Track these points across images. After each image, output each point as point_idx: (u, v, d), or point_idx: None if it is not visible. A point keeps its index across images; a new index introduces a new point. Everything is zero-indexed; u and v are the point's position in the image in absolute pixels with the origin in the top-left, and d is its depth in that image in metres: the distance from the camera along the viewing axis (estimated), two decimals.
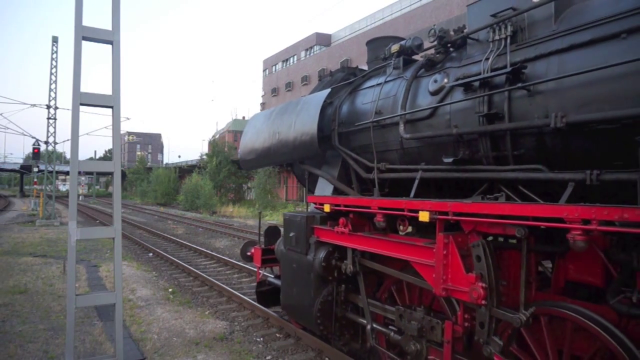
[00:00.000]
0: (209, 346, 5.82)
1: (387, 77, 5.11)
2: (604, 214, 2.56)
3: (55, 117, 23.55)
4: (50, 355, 5.39)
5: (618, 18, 2.98)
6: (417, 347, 4.06)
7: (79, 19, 3.96)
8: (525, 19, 3.66)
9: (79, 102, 3.97)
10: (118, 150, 4.27)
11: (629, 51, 2.82)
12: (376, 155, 4.94)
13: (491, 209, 3.21)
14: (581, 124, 3.02)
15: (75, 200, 4.08)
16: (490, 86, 3.71)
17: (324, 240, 5.03)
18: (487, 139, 3.73)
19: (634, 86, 2.79)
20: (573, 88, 3.15)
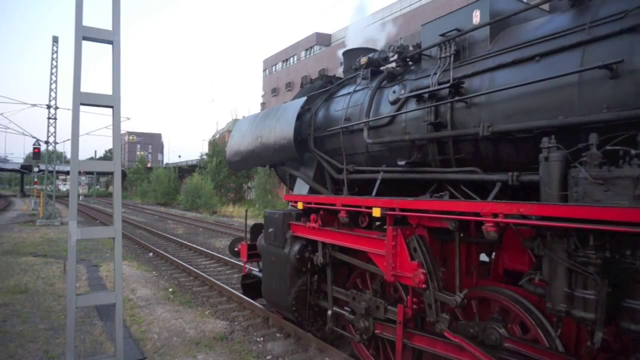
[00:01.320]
0: (209, 346, 5.82)
1: (356, 87, 5.63)
2: (506, 209, 3.08)
3: (56, 117, 23.56)
4: (50, 354, 5.39)
5: (534, 43, 3.54)
6: (365, 323, 4.76)
7: (79, 19, 3.96)
8: (467, 40, 4.17)
9: (79, 102, 3.97)
10: (118, 150, 4.27)
11: (542, 72, 3.37)
12: (345, 158, 5.48)
13: (428, 205, 3.78)
14: (505, 132, 3.56)
15: (76, 200, 4.08)
16: (437, 98, 4.23)
17: (298, 235, 5.51)
18: (434, 144, 4.28)
19: (545, 101, 3.34)
20: (500, 102, 3.69)
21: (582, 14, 3.37)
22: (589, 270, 2.71)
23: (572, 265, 2.82)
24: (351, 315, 4.99)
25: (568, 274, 2.87)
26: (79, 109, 3.99)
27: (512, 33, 3.95)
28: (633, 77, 2.84)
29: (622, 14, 3.00)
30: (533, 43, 3.55)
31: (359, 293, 4.90)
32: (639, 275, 2.56)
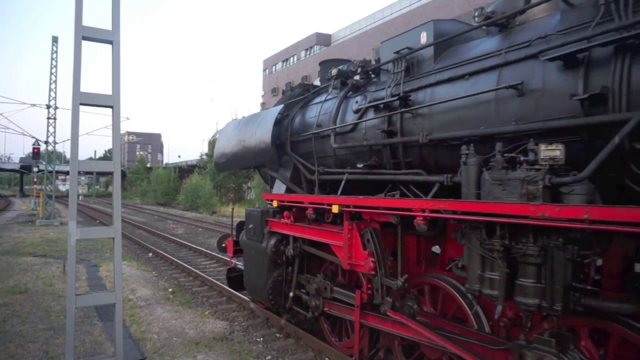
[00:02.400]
0: (209, 346, 5.82)
1: (327, 96, 6.13)
2: (430, 205, 3.71)
3: (55, 117, 23.56)
4: (50, 355, 5.39)
5: (466, 63, 4.07)
6: (316, 302, 5.60)
7: (79, 18, 3.96)
8: (416, 57, 4.72)
9: (79, 101, 3.97)
10: (118, 150, 4.27)
11: (469, 89, 3.89)
12: (317, 161, 5.99)
13: (374, 203, 4.35)
14: (441, 140, 4.08)
15: (75, 200, 4.08)
16: (389, 109, 4.76)
17: (274, 230, 6.04)
18: (387, 149, 4.78)
19: (471, 114, 3.88)
20: (438, 113, 4.23)
21: (505, 39, 3.91)
22: (494, 255, 3.24)
23: (482, 251, 3.33)
24: (306, 296, 5.78)
25: (480, 259, 3.37)
26: (78, 109, 3.99)
27: (452, 53, 4.48)
28: (532, 96, 3.39)
29: (528, 43, 3.57)
30: (465, 63, 4.10)
31: (312, 277, 5.70)
32: (526, 258, 3.08)
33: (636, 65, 2.81)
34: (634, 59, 2.82)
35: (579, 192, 2.83)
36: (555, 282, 2.93)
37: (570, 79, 3.15)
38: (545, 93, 3.32)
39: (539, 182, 2.96)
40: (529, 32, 3.67)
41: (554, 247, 2.93)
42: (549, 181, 2.93)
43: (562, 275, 2.90)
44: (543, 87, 3.34)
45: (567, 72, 3.19)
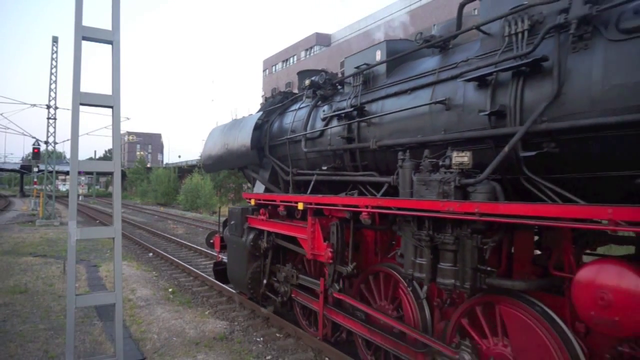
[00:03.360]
0: (209, 346, 5.82)
1: (301, 104, 6.65)
2: (371, 202, 4.29)
3: (55, 117, 23.55)
4: (50, 354, 5.39)
5: (410, 79, 4.64)
6: (285, 288, 6.34)
7: (79, 19, 3.96)
8: (372, 72, 5.29)
9: (79, 102, 3.97)
10: (118, 150, 4.27)
11: (410, 102, 4.45)
12: (291, 163, 6.53)
13: (330, 200, 5.01)
14: (388, 146, 4.65)
15: (75, 200, 4.08)
16: (349, 118, 5.29)
17: (252, 226, 6.71)
18: (347, 153, 5.37)
19: (411, 124, 4.44)
20: (386, 123, 4.80)
21: (441, 59, 4.46)
22: (422, 244, 3.75)
23: (413, 241, 3.87)
24: (277, 284, 6.46)
25: (412, 248, 3.89)
26: (78, 109, 3.99)
27: (402, 69, 5.02)
28: (456, 110, 3.95)
29: (455, 65, 4.14)
30: (408, 79, 4.67)
31: (282, 266, 6.40)
32: (445, 246, 3.62)
33: (527, 88, 3.40)
34: (526, 82, 3.41)
35: (481, 190, 3.37)
36: (465, 265, 3.50)
37: (482, 97, 3.72)
38: (465, 108, 3.90)
39: (451, 183, 3.53)
40: (458, 55, 4.25)
41: (464, 237, 3.48)
42: (459, 182, 3.49)
43: (470, 260, 3.46)
44: (464, 103, 3.92)
45: (480, 91, 3.76)
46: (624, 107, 2.81)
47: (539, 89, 3.32)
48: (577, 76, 3.10)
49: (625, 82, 2.82)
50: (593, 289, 2.72)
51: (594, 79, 2.99)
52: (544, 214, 2.88)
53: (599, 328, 2.82)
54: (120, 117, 4.25)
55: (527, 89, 3.40)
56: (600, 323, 2.71)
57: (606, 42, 2.99)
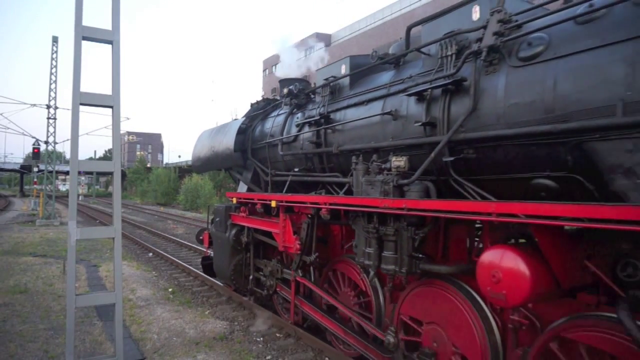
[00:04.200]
0: (209, 346, 5.82)
1: (280, 111, 7.29)
2: (328, 200, 4.94)
3: (55, 117, 23.55)
4: (50, 354, 5.39)
5: (367, 92, 5.23)
6: (271, 282, 6.73)
7: (79, 18, 3.96)
8: (338, 84, 5.91)
9: (79, 102, 3.97)
10: (118, 150, 4.27)
11: (366, 112, 5.07)
12: (270, 165, 7.17)
13: (299, 199, 5.57)
14: (348, 150, 5.28)
15: (75, 200, 4.08)
16: (317, 124, 5.89)
17: (235, 222, 7.25)
18: (316, 157, 5.97)
19: (366, 132, 5.07)
20: (347, 130, 5.42)
21: (394, 75, 5.04)
22: (370, 236, 4.29)
23: (363, 233, 4.38)
24: (263, 278, 6.89)
25: (363, 239, 4.39)
26: (78, 109, 3.98)
27: (363, 82, 5.59)
28: (401, 120, 4.55)
29: (402, 80, 4.70)
30: (366, 92, 5.25)
31: (268, 261, 6.85)
32: (387, 237, 4.09)
33: (452, 103, 3.97)
34: (452, 98, 3.98)
35: (414, 190, 3.94)
36: (403, 253, 4.02)
37: (420, 109, 4.29)
38: (408, 119, 4.48)
39: (390, 183, 4.07)
40: (407, 71, 4.83)
41: (402, 228, 4.01)
42: (396, 182, 4.04)
43: (406, 248, 3.99)
44: (407, 114, 4.51)
45: (418, 104, 4.33)
46: (519, 122, 3.39)
47: (461, 104, 3.90)
48: (487, 95, 3.67)
49: (519, 101, 3.42)
50: (488, 269, 3.18)
51: (498, 98, 3.57)
52: (441, 207, 3.50)
53: (494, 301, 3.29)
54: (120, 117, 4.24)
55: (452, 104, 3.99)
56: (494, 296, 3.18)
57: (508, 67, 3.56)
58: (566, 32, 3.26)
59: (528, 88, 3.36)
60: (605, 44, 2.95)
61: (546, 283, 3.06)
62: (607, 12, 3.05)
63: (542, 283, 3.03)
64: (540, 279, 3.00)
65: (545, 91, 3.24)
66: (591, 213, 2.51)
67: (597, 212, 2.48)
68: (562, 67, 3.18)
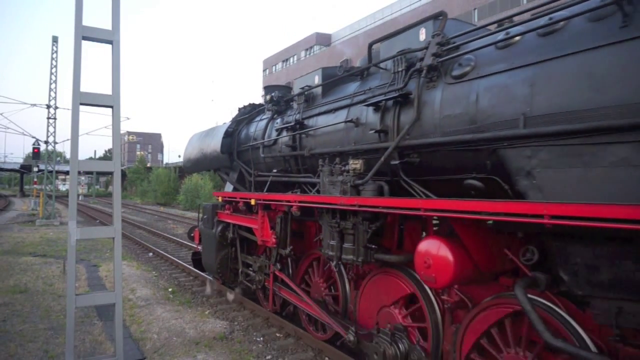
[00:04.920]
0: (209, 346, 5.82)
1: (263, 116, 7.85)
2: (297, 198, 5.42)
3: (55, 117, 23.56)
4: (50, 354, 5.39)
5: (335, 101, 5.78)
6: (259, 277, 7.06)
7: (79, 18, 3.96)
8: (312, 93, 6.45)
9: (79, 101, 3.97)
10: (118, 150, 4.27)
11: (333, 120, 5.62)
12: (253, 166, 7.71)
13: (274, 197, 6.03)
14: (318, 154, 5.78)
15: (75, 200, 4.08)
16: (293, 130, 6.39)
17: (221, 219, 7.76)
18: (292, 159, 6.49)
19: (333, 137, 5.60)
20: (318, 135, 5.95)
21: (359, 86, 5.54)
22: (333, 230, 4.80)
23: (328, 228, 4.91)
24: (252, 273, 7.28)
25: (328, 232, 4.91)
26: (78, 109, 3.98)
27: (333, 91, 6.12)
28: (362, 128, 5.08)
29: (363, 92, 5.26)
30: (335, 101, 5.79)
31: (257, 257, 7.23)
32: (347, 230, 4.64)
33: (401, 113, 4.51)
34: (401, 109, 4.52)
35: (368, 189, 4.44)
36: (359, 244, 4.51)
37: (376, 118, 4.84)
38: (366, 126, 4.99)
39: (348, 183, 4.60)
40: (369, 83, 5.33)
41: (358, 223, 4.50)
42: (353, 182, 4.58)
43: (362, 240, 4.48)
44: (366, 122, 5.03)
45: (375, 114, 4.87)
46: (450, 131, 3.95)
47: (407, 114, 4.43)
48: (427, 107, 4.22)
49: (451, 113, 3.97)
50: (422, 256, 3.73)
51: (435, 110, 4.12)
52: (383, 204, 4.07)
53: (427, 283, 3.87)
54: (120, 117, 4.24)
55: (401, 114, 4.53)
56: (426, 279, 3.75)
57: (444, 84, 4.10)
58: (488, 55, 3.83)
59: (457, 102, 3.93)
60: (512, 68, 3.52)
61: (467, 268, 3.60)
62: (519, 40, 3.63)
63: (464, 268, 3.57)
64: (462, 265, 3.55)
65: (470, 105, 3.81)
66: (487, 208, 3.08)
67: (491, 207, 3.07)
68: (483, 85, 3.74)
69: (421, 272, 3.77)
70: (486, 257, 3.66)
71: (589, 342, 3.03)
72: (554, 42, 3.30)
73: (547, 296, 3.34)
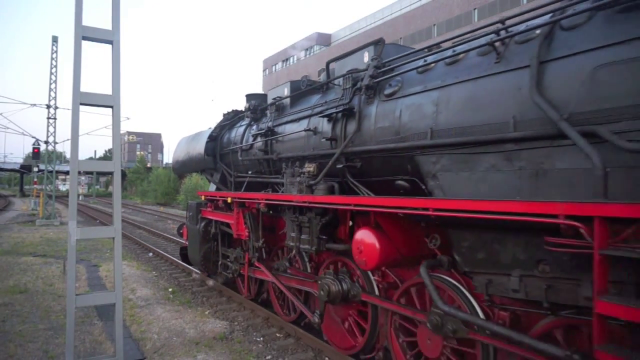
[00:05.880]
0: (209, 346, 5.82)
1: (242, 122, 8.52)
2: (261, 196, 6.20)
3: (55, 117, 23.54)
4: (50, 354, 5.39)
5: (299, 111, 6.44)
6: (235, 266, 7.81)
7: (79, 18, 3.96)
8: (282, 103, 7.18)
9: (79, 101, 3.97)
10: (118, 150, 4.27)
11: (297, 128, 6.30)
12: (233, 168, 8.44)
13: (245, 196, 6.89)
14: (285, 158, 6.47)
15: (75, 200, 4.08)
16: (265, 136, 7.05)
17: (204, 216, 8.51)
18: (265, 162, 7.17)
19: (297, 144, 6.29)
20: (286, 141, 6.63)
21: (320, 98, 6.18)
22: (293, 224, 5.58)
23: (289, 222, 5.67)
24: (230, 264, 7.98)
25: (290, 226, 5.68)
26: (78, 109, 3.99)
27: (299, 102, 6.80)
28: (319, 136, 5.73)
29: (321, 104, 5.91)
30: (299, 111, 6.44)
31: (233, 249, 7.95)
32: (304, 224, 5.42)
33: (347, 124, 5.22)
34: (347, 120, 5.23)
35: (320, 188, 5.15)
36: (313, 235, 5.27)
37: (328, 128, 5.52)
38: (322, 135, 5.66)
39: (304, 184, 5.30)
40: (328, 96, 5.99)
41: (312, 217, 5.29)
42: (308, 183, 5.27)
43: (315, 232, 5.26)
44: (322, 131, 5.72)
45: (328, 124, 5.55)
46: (382, 140, 4.67)
47: (352, 125, 5.13)
48: (366, 120, 4.97)
49: (382, 126, 4.71)
50: (357, 244, 4.49)
51: (371, 122, 4.88)
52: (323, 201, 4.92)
53: (360, 266, 4.60)
54: (120, 117, 4.25)
55: (347, 125, 5.23)
56: (359, 262, 4.51)
57: (378, 101, 4.86)
58: (411, 78, 4.55)
59: (387, 117, 4.66)
60: (425, 90, 4.24)
61: (391, 253, 4.33)
62: (433, 67, 4.35)
63: (388, 253, 4.30)
64: (386, 250, 4.28)
65: (395, 119, 4.54)
66: (389, 203, 3.98)
67: (392, 202, 3.95)
68: (405, 103, 4.47)
69: (356, 257, 4.51)
70: (406, 244, 4.39)
71: (477, 308, 3.80)
72: (454, 71, 4.02)
73: (453, 275, 4.11)
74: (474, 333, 3.69)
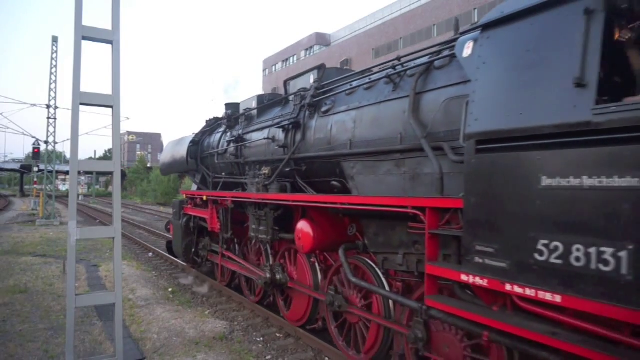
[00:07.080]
0: (209, 346, 5.82)
1: (219, 129, 9.50)
2: (229, 195, 7.42)
3: (55, 117, 23.54)
4: (50, 354, 5.39)
5: (263, 122, 7.43)
6: (203, 253, 9.26)
7: (79, 18, 3.96)
8: (250, 114, 8.24)
9: (79, 101, 3.97)
10: (118, 150, 4.27)
11: (260, 136, 7.27)
12: (212, 170, 9.41)
13: (217, 194, 8.06)
14: (250, 162, 7.53)
15: (75, 200, 4.08)
16: (237, 142, 8.09)
17: (186, 212, 9.55)
18: (235, 165, 8.17)
19: (260, 150, 7.32)
20: (252, 147, 7.63)
21: (280, 110, 7.14)
22: (254, 218, 6.61)
23: (251, 216, 6.70)
24: (200, 250, 9.40)
25: (252, 220, 6.69)
26: (78, 109, 3.99)
27: (265, 113, 7.83)
28: (276, 143, 6.63)
29: (279, 117, 6.84)
30: (263, 122, 7.42)
31: (202, 238, 9.32)
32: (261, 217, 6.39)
33: (296, 134, 6.20)
34: (296, 131, 6.23)
35: (274, 188, 6.18)
36: (269, 227, 6.23)
37: (282, 137, 6.46)
38: (277, 143, 6.55)
39: (260, 184, 6.34)
40: (285, 109, 6.94)
41: (268, 212, 6.23)
42: (264, 183, 6.32)
43: (270, 224, 6.22)
44: (277, 140, 6.62)
45: (282, 133, 6.48)
46: (320, 149, 5.67)
47: (299, 135, 6.12)
48: (309, 131, 5.98)
49: (319, 137, 5.72)
50: (297, 232, 5.47)
51: (312, 134, 5.89)
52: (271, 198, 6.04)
53: (299, 250, 5.66)
54: (120, 117, 4.25)
55: (296, 135, 6.19)
56: (298, 247, 5.54)
57: (318, 116, 5.88)
58: (341, 99, 5.56)
59: (322, 129, 5.68)
60: (348, 109, 5.27)
61: (322, 240, 5.26)
62: (356, 90, 5.34)
63: (320, 239, 5.25)
64: (318, 237, 5.23)
65: (328, 132, 5.56)
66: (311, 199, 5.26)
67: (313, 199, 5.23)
68: (334, 119, 5.50)
69: (297, 243, 5.49)
70: (332, 232, 5.33)
71: (384, 281, 4.74)
72: (368, 95, 5.05)
73: (369, 256, 4.97)
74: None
